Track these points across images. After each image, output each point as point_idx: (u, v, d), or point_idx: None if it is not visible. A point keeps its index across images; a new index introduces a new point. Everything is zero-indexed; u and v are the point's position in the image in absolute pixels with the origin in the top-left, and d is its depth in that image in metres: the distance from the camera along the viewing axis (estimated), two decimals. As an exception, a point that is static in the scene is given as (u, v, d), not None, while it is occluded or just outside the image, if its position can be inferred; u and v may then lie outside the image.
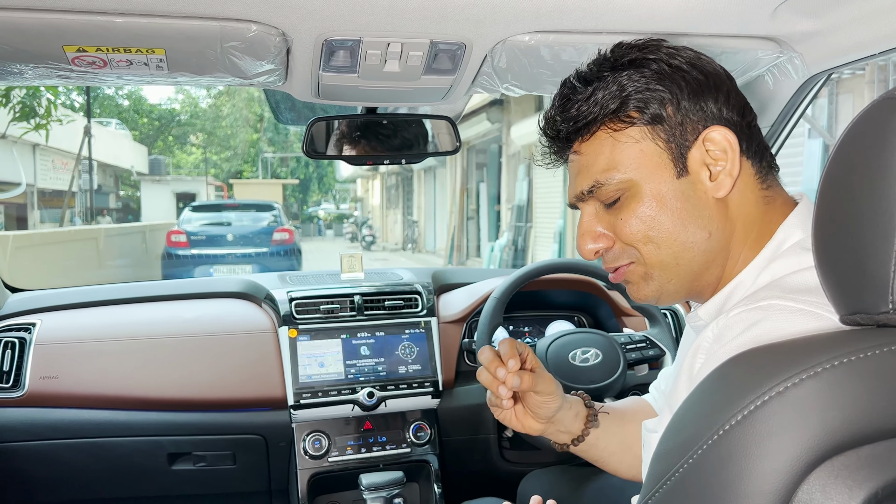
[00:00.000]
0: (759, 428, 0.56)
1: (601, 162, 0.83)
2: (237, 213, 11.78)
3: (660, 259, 0.83)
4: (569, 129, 0.86)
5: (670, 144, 0.81)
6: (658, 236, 0.82)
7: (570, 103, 0.85)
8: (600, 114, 0.82)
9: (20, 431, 1.58)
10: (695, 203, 0.81)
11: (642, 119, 0.81)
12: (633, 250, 0.84)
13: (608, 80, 0.83)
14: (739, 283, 0.82)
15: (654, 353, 1.64)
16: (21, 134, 9.78)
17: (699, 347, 0.75)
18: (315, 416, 1.65)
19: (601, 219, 0.87)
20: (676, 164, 0.81)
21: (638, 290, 0.87)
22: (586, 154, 0.85)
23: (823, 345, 0.59)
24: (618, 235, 0.85)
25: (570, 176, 0.89)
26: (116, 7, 0.94)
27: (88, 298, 1.78)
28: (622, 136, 0.82)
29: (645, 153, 0.81)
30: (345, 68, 1.14)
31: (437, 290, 1.89)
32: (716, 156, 0.81)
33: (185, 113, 30.98)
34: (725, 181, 0.80)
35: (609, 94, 0.82)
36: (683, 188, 0.81)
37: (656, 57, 0.83)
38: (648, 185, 0.81)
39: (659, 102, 0.81)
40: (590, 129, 0.84)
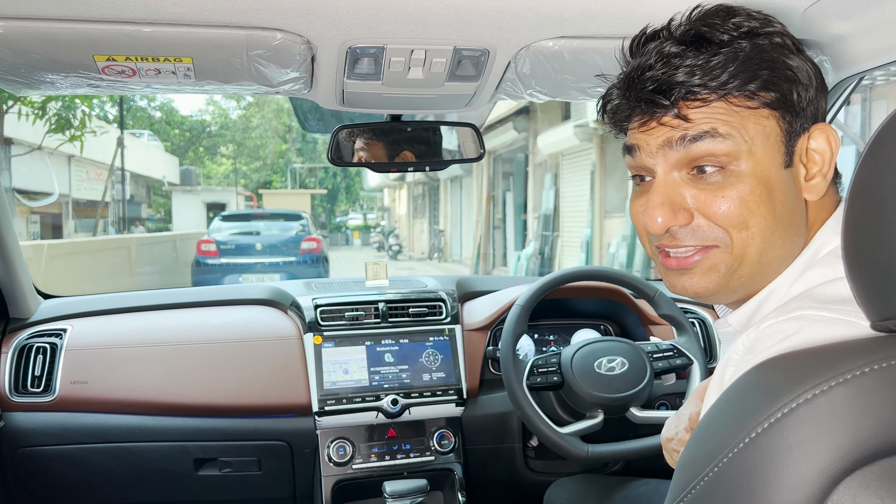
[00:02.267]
0: (787, 436, 0.55)
1: (724, 119, 0.73)
2: (266, 223, 11.92)
3: (747, 251, 0.74)
4: (683, 92, 0.73)
5: (790, 129, 0.74)
6: (757, 225, 0.73)
7: (682, 61, 0.73)
8: (723, 86, 0.72)
9: (51, 435, 1.60)
10: (793, 199, 0.75)
11: (772, 101, 0.73)
12: (723, 233, 0.75)
13: (731, 49, 0.73)
14: (773, 292, 0.78)
15: (682, 361, 1.62)
16: (57, 146, 10.01)
17: (730, 359, 0.72)
18: (339, 422, 1.65)
19: (684, 189, 0.75)
20: (786, 152, 0.75)
21: (698, 282, 0.77)
22: (706, 113, 0.73)
23: (853, 351, 0.58)
24: (707, 213, 0.74)
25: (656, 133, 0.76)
26: (145, 17, 0.96)
27: (118, 305, 1.81)
28: (745, 111, 0.73)
29: (766, 131, 0.73)
30: (369, 76, 1.15)
31: (462, 298, 1.88)
32: (812, 157, 0.75)
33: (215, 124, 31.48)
34: (820, 184, 0.75)
35: (736, 67, 0.72)
36: (787, 180, 0.75)
37: (781, 31, 0.75)
38: (761, 165, 0.73)
39: (790, 84, 0.73)
40: (707, 98, 0.73)
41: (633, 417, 1.55)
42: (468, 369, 1.74)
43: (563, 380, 1.55)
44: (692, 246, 0.76)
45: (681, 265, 0.78)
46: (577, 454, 1.49)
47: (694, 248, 0.77)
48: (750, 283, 0.78)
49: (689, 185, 0.75)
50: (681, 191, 0.75)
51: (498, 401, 1.76)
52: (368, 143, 1.44)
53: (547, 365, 1.57)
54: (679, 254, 0.78)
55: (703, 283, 0.77)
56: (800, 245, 0.77)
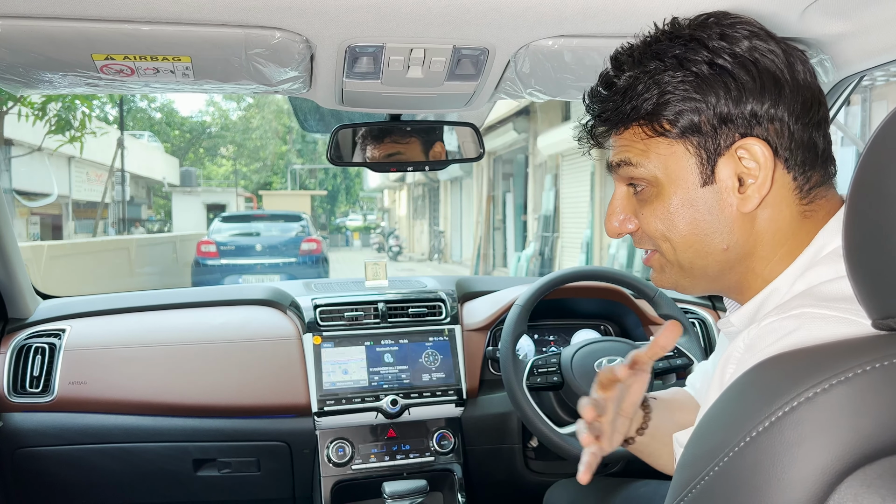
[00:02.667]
0: (788, 435, 0.54)
1: (635, 149, 0.82)
2: (266, 224, 11.91)
3: (676, 258, 0.83)
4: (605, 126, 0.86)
5: (700, 151, 0.78)
6: (674, 238, 0.82)
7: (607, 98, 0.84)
8: (634, 114, 0.81)
9: (49, 436, 1.60)
10: (716, 214, 0.79)
11: (674, 131, 0.79)
12: (655, 242, 0.85)
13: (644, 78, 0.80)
14: (774, 291, 0.79)
15: (682, 362, 1.61)
16: (57, 147, 10.02)
17: (730, 357, 0.73)
18: (339, 423, 1.65)
19: (630, 203, 0.86)
20: (703, 172, 0.78)
21: (657, 278, 0.89)
22: (623, 140, 0.84)
23: (855, 349, 0.57)
24: (640, 223, 0.85)
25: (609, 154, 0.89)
26: (143, 15, 0.96)
27: (117, 305, 1.81)
28: (653, 141, 0.81)
29: (673, 157, 0.80)
30: (368, 75, 1.15)
31: (461, 298, 1.88)
32: (749, 167, 0.77)
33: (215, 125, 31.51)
34: (753, 197, 0.77)
35: (644, 99, 0.79)
36: (707, 197, 0.79)
37: (700, 58, 0.78)
38: (671, 187, 0.80)
39: (694, 112, 0.77)
40: (626, 125, 0.83)
41: (633, 418, 1.54)
42: (468, 370, 1.74)
43: (563, 380, 1.55)
44: (642, 248, 0.88)
45: (646, 263, 0.89)
46: (576, 454, 1.48)
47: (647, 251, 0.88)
48: (705, 281, 0.85)
49: (633, 201, 0.86)
50: (627, 204, 0.87)
51: (498, 401, 1.75)
52: (368, 143, 1.43)
53: (547, 365, 1.56)
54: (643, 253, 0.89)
55: (662, 281, 0.88)
56: (735, 254, 0.80)
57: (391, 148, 1.44)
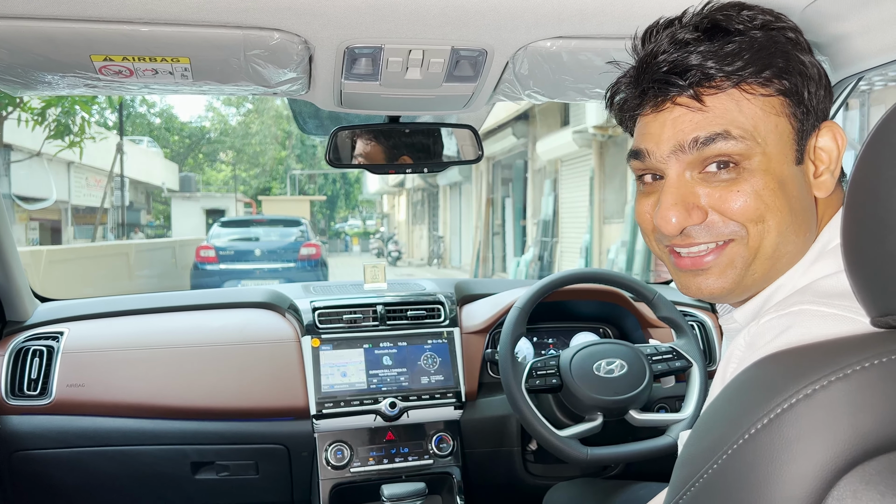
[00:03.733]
0: (787, 431, 0.54)
1: (734, 117, 0.73)
2: (265, 229, 11.90)
3: (764, 244, 0.74)
4: (698, 75, 0.73)
5: (801, 126, 0.74)
6: (772, 218, 0.73)
7: (697, 47, 0.73)
8: (739, 71, 0.72)
9: (47, 439, 1.59)
10: (805, 195, 0.76)
11: (784, 88, 0.73)
12: (739, 227, 0.74)
13: (746, 37, 0.73)
14: (780, 287, 0.78)
15: (681, 364, 1.61)
16: (56, 152, 10.03)
17: (731, 355, 0.72)
18: (337, 426, 1.64)
19: (697, 188, 0.75)
20: (797, 149, 0.75)
21: (714, 282, 0.77)
22: (710, 107, 0.73)
23: (853, 346, 0.57)
24: (724, 210, 0.74)
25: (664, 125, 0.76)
26: (142, 16, 0.96)
27: (115, 308, 1.80)
28: (760, 101, 0.73)
29: (779, 127, 0.74)
30: (367, 76, 1.15)
31: (460, 301, 1.88)
32: (820, 155, 0.76)
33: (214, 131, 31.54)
34: (828, 181, 0.76)
35: (752, 53, 0.72)
36: (798, 176, 0.75)
37: (794, 27, 0.75)
38: (774, 161, 0.73)
39: (802, 78, 0.74)
40: (720, 83, 0.73)
41: (632, 420, 1.54)
42: (467, 372, 1.73)
43: (562, 382, 1.54)
44: (705, 243, 0.76)
45: (696, 265, 0.77)
46: (576, 457, 1.48)
47: (707, 247, 0.76)
48: (762, 280, 0.78)
49: (701, 183, 0.75)
50: (694, 189, 0.75)
51: (496, 404, 1.75)
52: (367, 145, 1.43)
53: (546, 367, 1.56)
54: (693, 253, 0.77)
55: (720, 283, 0.77)
56: (811, 241, 0.77)
57: (390, 150, 1.44)
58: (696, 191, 0.75)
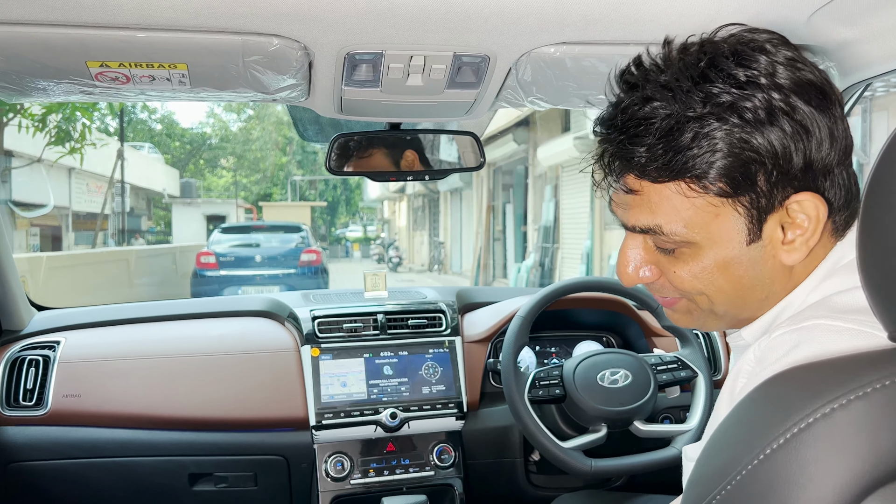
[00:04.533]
0: (804, 452, 0.52)
1: (667, 210, 0.72)
2: (265, 235, 11.91)
3: (711, 308, 0.78)
4: (636, 170, 0.73)
5: (751, 212, 0.71)
6: (713, 292, 0.76)
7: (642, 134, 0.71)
8: (677, 176, 0.70)
9: (42, 450, 1.57)
10: (759, 269, 0.74)
11: (727, 189, 0.70)
12: (683, 291, 0.79)
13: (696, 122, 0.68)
14: (789, 304, 0.76)
15: (686, 374, 1.59)
16: (57, 158, 10.02)
17: (740, 370, 0.70)
18: (337, 437, 1.62)
19: (649, 254, 0.79)
20: (751, 231, 0.72)
21: (680, 319, 0.83)
22: (649, 194, 0.73)
23: (873, 363, 0.55)
24: (667, 278, 0.78)
25: (621, 200, 0.77)
26: (139, 22, 0.94)
27: (113, 317, 1.78)
28: (699, 199, 0.71)
29: (720, 219, 0.72)
30: (367, 82, 1.13)
31: (462, 309, 1.86)
32: (797, 221, 0.71)
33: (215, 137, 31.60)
34: (800, 250, 0.72)
35: (697, 152, 0.68)
36: (752, 254, 0.73)
37: (752, 105, 0.68)
38: (714, 250, 0.73)
39: (753, 168, 0.69)
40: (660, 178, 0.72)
41: (636, 431, 1.52)
42: (468, 382, 1.71)
43: (565, 393, 1.52)
44: (662, 296, 0.82)
45: (664, 304, 0.84)
46: (580, 469, 1.46)
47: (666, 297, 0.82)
48: (741, 315, 0.80)
49: (653, 252, 0.78)
50: (645, 255, 0.79)
51: (499, 414, 1.73)
52: (367, 152, 1.42)
53: (549, 377, 1.54)
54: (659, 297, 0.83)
55: (686, 321, 0.83)
56: (776, 294, 0.76)
57: (391, 157, 1.42)
58: (648, 256, 0.79)
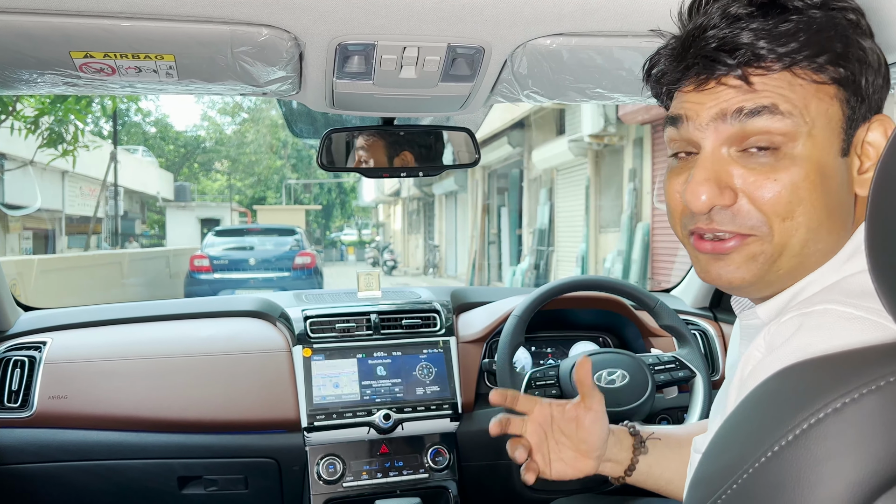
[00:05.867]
0: (814, 449, 0.50)
1: (783, 94, 0.67)
2: (260, 238, 11.88)
3: (790, 242, 0.69)
4: (748, 55, 0.68)
5: (852, 115, 0.69)
6: (804, 214, 0.68)
7: (749, 24, 0.68)
8: (792, 54, 0.67)
9: (28, 453, 1.54)
10: (845, 191, 0.70)
11: (841, 78, 0.68)
12: (763, 222, 0.69)
13: (803, 17, 0.67)
14: (810, 283, 0.71)
15: (684, 374, 1.57)
16: (49, 161, 9.96)
17: (750, 356, 0.67)
18: (329, 438, 1.59)
19: (733, 167, 0.70)
20: (845, 140, 0.69)
21: (734, 272, 0.72)
22: (758, 89, 0.68)
23: (885, 356, 0.53)
24: (753, 197, 0.69)
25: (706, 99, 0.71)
26: (123, 10, 0.91)
27: (100, 317, 1.75)
28: (813, 86, 0.68)
29: (829, 112, 0.68)
30: (359, 75, 1.11)
31: (457, 309, 1.83)
32: (867, 150, 0.70)
33: (210, 140, 31.58)
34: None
35: (807, 35, 0.67)
36: (842, 170, 0.70)
37: (856, 7, 0.70)
38: (818, 149, 0.68)
39: (860, 65, 0.69)
40: (771, 66, 0.68)
41: (634, 432, 1.49)
42: (463, 383, 1.68)
43: (561, 393, 1.50)
44: (728, 231, 0.71)
45: (716, 249, 0.72)
46: None
47: (730, 234, 0.71)
48: (787, 277, 0.72)
49: (738, 163, 0.70)
50: (729, 168, 0.70)
51: (494, 415, 1.69)
52: (360, 148, 1.39)
53: (545, 378, 1.52)
54: (715, 237, 0.72)
55: (740, 273, 0.71)
56: (844, 239, 0.71)
57: (384, 153, 1.40)
58: (732, 170, 0.70)
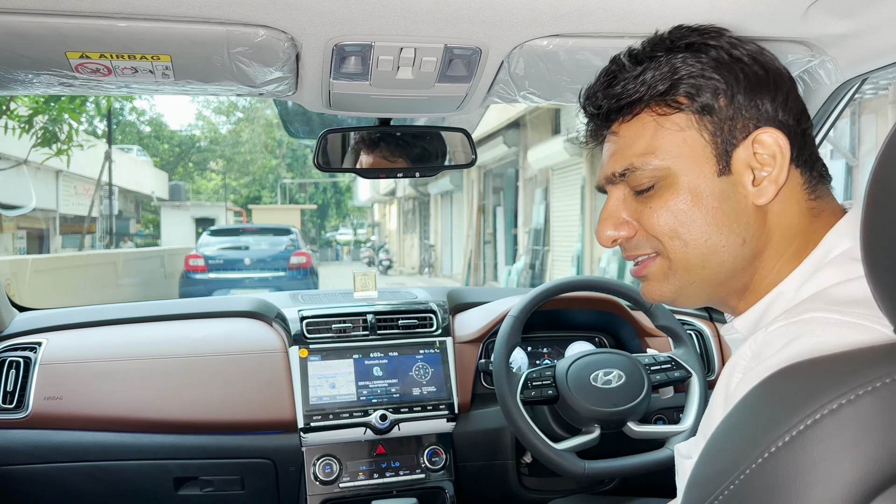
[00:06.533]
0: (811, 450, 0.50)
1: (640, 145, 0.78)
2: (255, 238, 11.84)
3: (686, 257, 0.78)
4: (610, 106, 0.81)
5: (716, 139, 0.76)
6: (688, 233, 0.77)
7: (616, 80, 0.80)
8: (646, 94, 0.78)
9: (23, 454, 1.53)
10: (733, 206, 0.76)
11: (691, 106, 0.76)
12: (657, 244, 0.79)
13: (661, 60, 0.78)
14: (780, 295, 0.76)
15: (680, 374, 1.57)
16: (43, 160, 9.91)
17: (735, 365, 0.69)
18: (326, 439, 1.59)
19: (628, 205, 0.82)
20: (720, 161, 0.76)
21: (655, 288, 0.82)
22: (625, 136, 0.80)
23: (880, 357, 0.53)
24: (644, 225, 0.80)
25: (604, 157, 0.84)
26: (119, 10, 0.91)
27: (95, 318, 1.74)
28: (667, 121, 0.77)
29: (688, 143, 0.76)
30: (356, 75, 1.11)
31: (453, 310, 1.83)
32: (763, 160, 0.76)
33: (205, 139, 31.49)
34: (769, 188, 0.75)
35: (659, 75, 0.77)
36: (723, 188, 0.76)
37: (716, 44, 0.78)
38: (686, 177, 0.76)
39: (712, 92, 0.76)
40: (633, 109, 0.79)
41: (630, 432, 1.50)
42: (460, 383, 1.68)
43: (558, 393, 1.50)
44: (636, 255, 0.82)
45: (637, 273, 0.84)
46: (573, 471, 1.43)
47: (642, 258, 0.82)
48: (710, 287, 0.80)
49: (633, 200, 0.81)
50: (624, 207, 0.82)
51: (490, 416, 1.70)
52: (356, 149, 1.39)
53: (541, 378, 1.52)
54: (633, 263, 0.84)
55: (663, 290, 0.82)
56: (750, 249, 0.77)
57: (380, 154, 1.40)
58: (626, 207, 0.82)
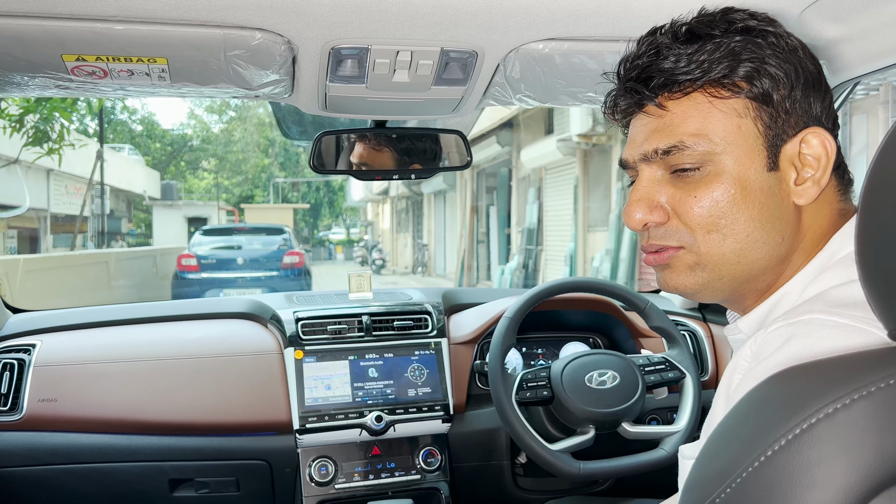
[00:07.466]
0: (806, 454, 0.51)
1: (691, 124, 0.74)
2: (247, 237, 11.82)
3: (721, 252, 0.74)
4: (663, 80, 0.75)
5: (769, 131, 0.73)
6: (729, 227, 0.73)
7: (664, 54, 0.75)
8: (705, 75, 0.73)
9: (17, 456, 1.53)
10: (777, 202, 0.74)
11: (751, 92, 0.73)
12: (689, 235, 0.75)
13: (720, 41, 0.74)
14: (785, 295, 0.76)
15: (674, 375, 1.58)
16: (34, 159, 9.86)
17: (737, 366, 0.69)
18: (321, 440, 1.59)
19: (664, 188, 0.77)
20: (770, 155, 0.74)
21: (677, 279, 0.78)
22: (673, 112, 0.75)
23: (875, 361, 0.54)
24: (679, 214, 0.75)
25: (640, 132, 0.79)
26: (116, 13, 0.91)
27: (90, 319, 1.74)
28: (723, 104, 0.73)
29: (742, 131, 0.73)
30: (352, 78, 1.11)
31: (448, 311, 1.83)
32: (807, 160, 0.74)
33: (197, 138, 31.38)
34: (811, 189, 0.74)
35: (719, 56, 0.73)
36: (770, 183, 0.74)
37: (774, 31, 0.75)
38: (737, 167, 0.73)
39: (772, 81, 0.73)
40: (685, 88, 0.74)
41: (624, 433, 1.51)
42: (455, 384, 1.69)
43: (553, 394, 1.51)
44: (661, 245, 0.78)
45: (656, 261, 0.79)
46: (567, 471, 1.44)
47: (664, 247, 0.78)
48: (740, 283, 0.77)
49: (669, 183, 0.76)
50: (660, 189, 0.77)
51: (486, 416, 1.71)
52: (352, 150, 1.39)
53: (536, 379, 1.52)
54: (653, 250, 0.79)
55: (687, 282, 0.77)
56: (786, 248, 0.75)
57: (376, 156, 1.40)
58: (662, 190, 0.77)
